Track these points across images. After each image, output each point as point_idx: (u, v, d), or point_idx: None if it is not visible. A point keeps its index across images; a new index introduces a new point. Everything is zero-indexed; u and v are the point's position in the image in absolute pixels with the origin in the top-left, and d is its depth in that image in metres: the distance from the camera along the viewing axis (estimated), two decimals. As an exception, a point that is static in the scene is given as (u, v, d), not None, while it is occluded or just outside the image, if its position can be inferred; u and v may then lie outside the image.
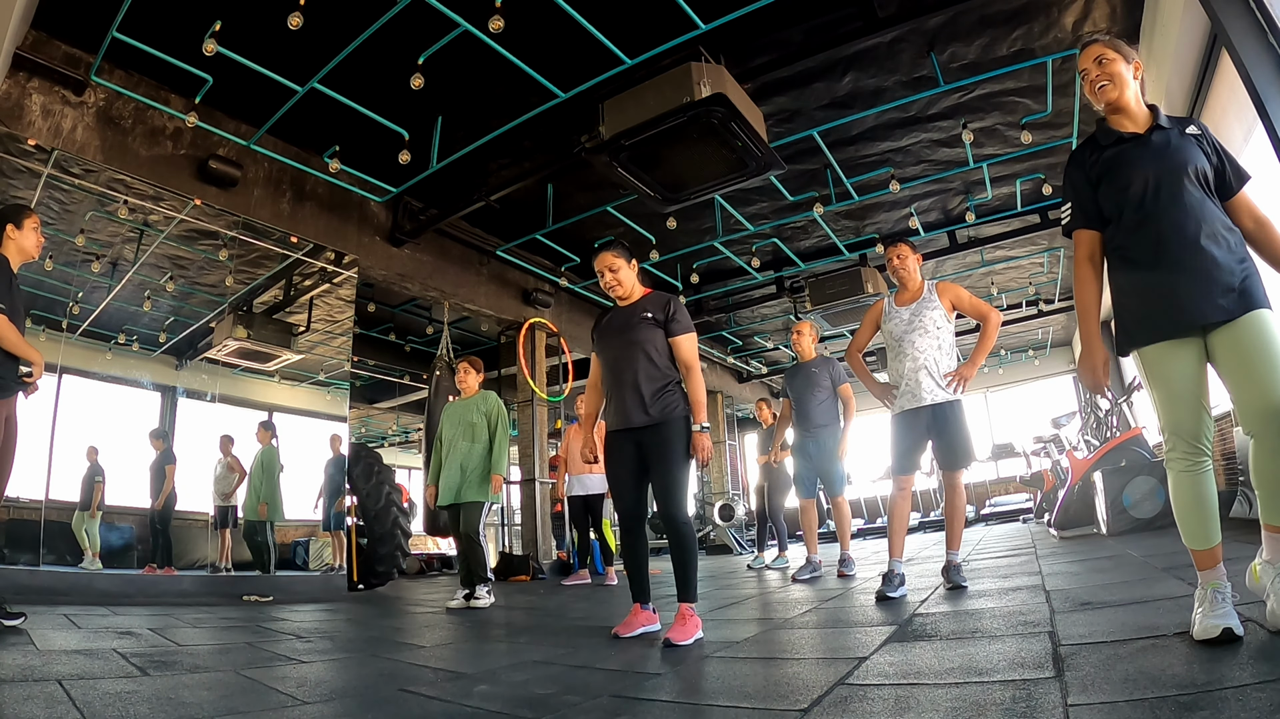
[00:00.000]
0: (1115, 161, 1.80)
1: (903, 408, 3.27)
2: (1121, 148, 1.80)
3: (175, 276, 5.26)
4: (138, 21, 3.80)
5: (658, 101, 4.04)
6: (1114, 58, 1.82)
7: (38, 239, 2.91)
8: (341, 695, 1.85)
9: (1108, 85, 1.82)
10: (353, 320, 6.18)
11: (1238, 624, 1.52)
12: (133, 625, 3.12)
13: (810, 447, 4.53)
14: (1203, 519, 1.68)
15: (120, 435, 4.81)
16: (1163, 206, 1.71)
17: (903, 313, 3.35)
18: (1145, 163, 1.75)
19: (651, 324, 2.71)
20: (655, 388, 2.65)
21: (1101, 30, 4.51)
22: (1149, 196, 1.73)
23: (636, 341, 2.68)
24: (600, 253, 2.79)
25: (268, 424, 5.60)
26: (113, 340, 4.94)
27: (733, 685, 1.72)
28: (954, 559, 3.19)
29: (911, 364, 3.24)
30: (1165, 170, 1.72)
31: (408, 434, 14.45)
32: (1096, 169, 1.83)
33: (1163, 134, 1.78)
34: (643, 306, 2.76)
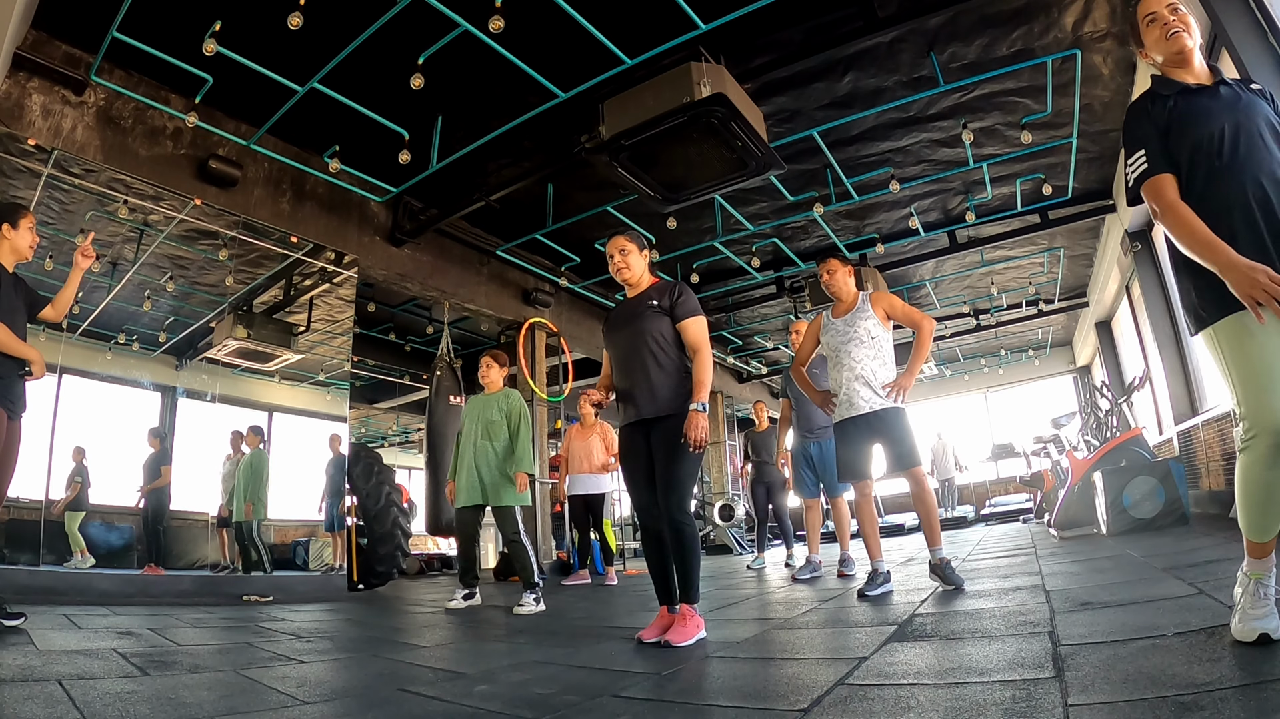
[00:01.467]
0: (1187, 112, 1.62)
1: (842, 416, 3.35)
2: (1190, 98, 1.63)
3: (175, 276, 5.26)
4: (138, 21, 3.80)
5: (658, 101, 4.04)
6: (1185, 11, 1.68)
7: (32, 239, 2.88)
8: (341, 695, 1.85)
9: (1182, 31, 1.65)
10: (353, 320, 6.17)
11: (1275, 625, 1.44)
12: (133, 625, 3.12)
13: (812, 448, 4.52)
14: None
15: (120, 436, 4.81)
16: (1242, 159, 1.53)
17: (838, 324, 3.44)
18: (1221, 113, 1.58)
19: (658, 312, 2.63)
20: (663, 378, 2.57)
21: (1101, 31, 4.51)
22: (1228, 148, 1.55)
23: (643, 331, 2.61)
24: (614, 236, 2.74)
25: (257, 429, 5.60)
26: (113, 340, 4.94)
27: (733, 685, 1.72)
28: (940, 556, 3.17)
29: (849, 373, 3.32)
30: (1243, 122, 1.56)
31: (408, 434, 14.44)
32: (1164, 119, 1.64)
33: (1230, 89, 1.63)
34: (649, 296, 2.69)
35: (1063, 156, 6.08)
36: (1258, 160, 1.52)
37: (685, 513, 2.51)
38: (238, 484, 5.35)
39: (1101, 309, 9.67)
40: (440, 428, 6.27)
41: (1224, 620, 1.71)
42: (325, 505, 5.85)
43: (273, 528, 5.56)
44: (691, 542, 2.52)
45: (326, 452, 5.93)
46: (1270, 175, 1.51)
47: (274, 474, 5.55)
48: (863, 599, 3.12)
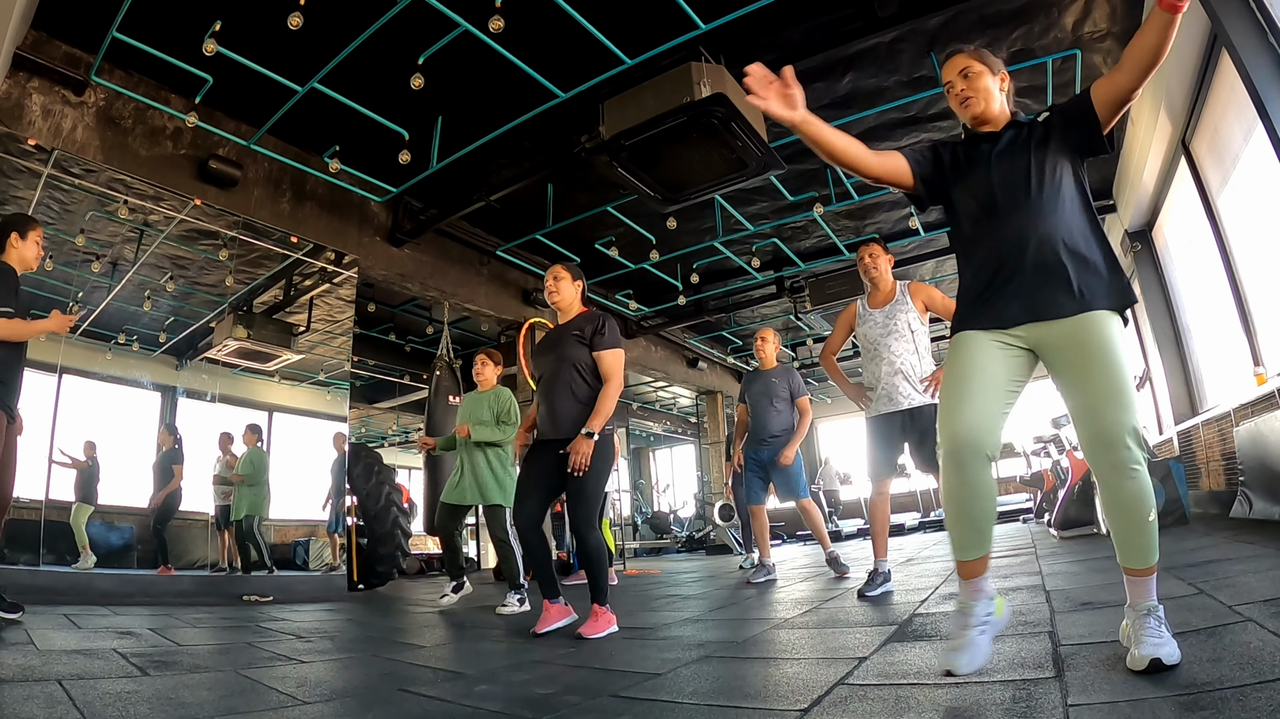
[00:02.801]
0: (968, 160, 1.75)
1: (879, 411, 3.27)
2: (975, 147, 1.76)
3: (175, 276, 5.26)
4: (138, 21, 3.80)
5: (658, 101, 4.04)
6: (980, 70, 1.75)
7: (38, 251, 3.05)
8: (341, 695, 1.85)
9: (973, 100, 1.74)
10: (353, 320, 6.17)
11: (965, 663, 1.47)
12: (133, 625, 3.12)
13: (764, 454, 4.47)
14: None
15: (120, 436, 4.82)
16: (1003, 210, 1.64)
17: (876, 315, 3.35)
18: (993, 163, 1.69)
19: (578, 341, 2.87)
20: (576, 405, 2.80)
21: (1101, 31, 4.51)
22: (996, 198, 1.66)
23: (566, 358, 2.85)
24: (554, 265, 3.04)
25: (255, 427, 5.60)
26: (113, 340, 4.94)
27: (733, 685, 1.72)
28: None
29: (888, 368, 3.24)
30: (1009, 170, 1.66)
31: (408, 434, 14.45)
32: (949, 160, 1.79)
33: (1014, 131, 1.72)
34: (575, 324, 2.93)
35: (1063, 156, 6.07)
36: (1013, 216, 1.63)
37: (592, 527, 2.75)
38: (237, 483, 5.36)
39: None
40: (440, 428, 6.27)
41: (1224, 620, 1.71)
42: (330, 505, 5.85)
43: (273, 528, 5.56)
44: (597, 552, 2.76)
45: (331, 451, 5.93)
46: (1021, 227, 1.61)
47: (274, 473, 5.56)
48: (863, 599, 3.11)
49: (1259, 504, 4.26)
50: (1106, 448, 1.47)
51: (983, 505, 1.58)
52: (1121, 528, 1.50)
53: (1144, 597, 1.48)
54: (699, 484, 12.86)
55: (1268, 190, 4.07)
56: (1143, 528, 1.47)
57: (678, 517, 13.45)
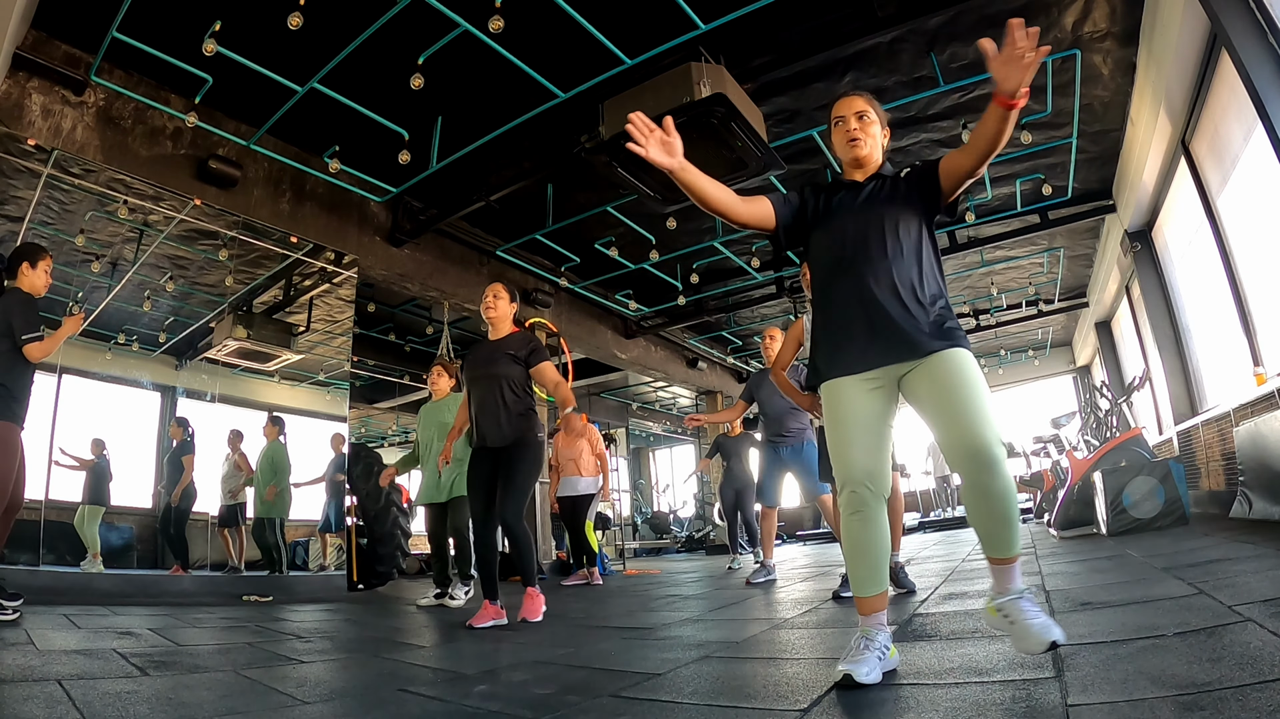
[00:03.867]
0: (831, 208, 1.83)
1: None
2: (839, 195, 1.84)
3: (175, 276, 5.26)
4: (138, 21, 3.80)
5: (658, 101, 4.04)
6: (874, 118, 1.85)
7: (47, 279, 3.27)
8: (341, 695, 1.85)
9: (860, 142, 1.83)
10: (353, 320, 6.17)
11: (864, 673, 1.52)
12: (133, 625, 3.12)
13: (783, 451, 4.46)
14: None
15: (120, 436, 4.81)
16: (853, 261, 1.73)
17: None
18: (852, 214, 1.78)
19: (511, 360, 3.24)
20: (512, 414, 3.19)
21: (1101, 31, 4.51)
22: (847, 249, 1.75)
23: (498, 375, 3.22)
24: (493, 283, 3.40)
25: (276, 419, 5.60)
26: (113, 340, 4.94)
27: (733, 685, 1.72)
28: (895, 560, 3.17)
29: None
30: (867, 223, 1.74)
31: (407, 434, 14.44)
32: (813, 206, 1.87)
33: (876, 184, 1.81)
34: (507, 344, 3.30)
35: (1062, 156, 6.08)
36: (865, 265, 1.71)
37: (519, 518, 3.13)
38: (258, 478, 5.37)
39: (1101, 309, 9.67)
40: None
41: (1224, 620, 1.71)
42: (324, 505, 5.85)
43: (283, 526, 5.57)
44: (525, 539, 3.17)
45: (329, 452, 5.93)
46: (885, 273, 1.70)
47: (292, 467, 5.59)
48: (838, 601, 3.13)
49: (1259, 504, 4.26)
50: (971, 453, 1.57)
51: (881, 544, 1.69)
52: (994, 521, 1.59)
53: (1013, 582, 1.60)
54: (699, 484, 12.86)
55: (1268, 190, 4.07)
56: (1011, 520, 1.58)
57: (677, 517, 13.45)
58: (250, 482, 5.34)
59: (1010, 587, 1.59)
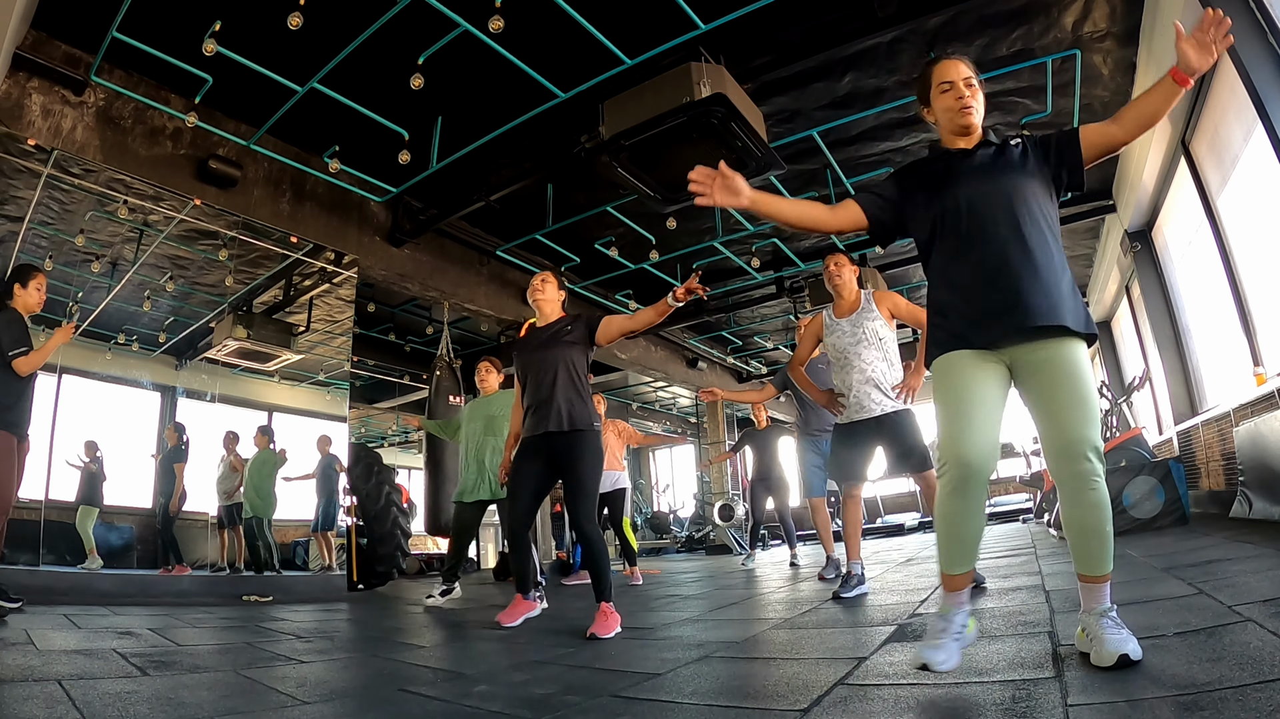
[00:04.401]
0: (942, 176, 1.75)
1: (850, 419, 3.31)
2: (950, 163, 1.76)
3: (175, 276, 5.27)
4: (138, 21, 3.80)
5: (658, 101, 4.04)
6: (978, 84, 1.78)
7: (40, 297, 3.34)
8: (341, 695, 1.85)
9: (972, 110, 1.75)
10: (353, 320, 6.17)
11: (942, 660, 1.50)
12: (133, 625, 3.12)
13: (824, 445, 4.40)
14: None
15: (120, 435, 4.82)
16: (976, 228, 1.66)
17: (844, 325, 3.36)
18: (968, 181, 1.70)
19: (569, 342, 2.98)
20: (572, 399, 2.88)
21: (1101, 31, 4.51)
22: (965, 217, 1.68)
23: (560, 359, 2.94)
24: (543, 269, 3.18)
25: (265, 429, 5.61)
26: (113, 340, 4.94)
27: (733, 685, 1.72)
28: None
29: (859, 376, 3.26)
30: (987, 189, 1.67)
31: (407, 434, 14.45)
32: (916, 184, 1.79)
33: (987, 150, 1.74)
34: (561, 326, 3.05)
35: (1063, 157, 6.06)
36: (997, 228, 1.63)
37: (592, 521, 2.79)
38: (248, 482, 5.37)
39: (1101, 309, 9.67)
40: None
41: (1224, 620, 1.71)
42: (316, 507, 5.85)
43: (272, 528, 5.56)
44: (600, 548, 2.81)
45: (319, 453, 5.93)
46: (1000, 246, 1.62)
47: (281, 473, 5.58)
48: (839, 601, 3.13)
49: (1259, 504, 4.26)
50: (1070, 459, 1.52)
51: (978, 525, 1.65)
52: (1087, 534, 1.54)
53: (1101, 601, 1.53)
54: (699, 484, 12.86)
55: (1268, 190, 4.07)
56: (1104, 536, 1.52)
57: (677, 517, 13.45)
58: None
59: (1097, 606, 1.53)
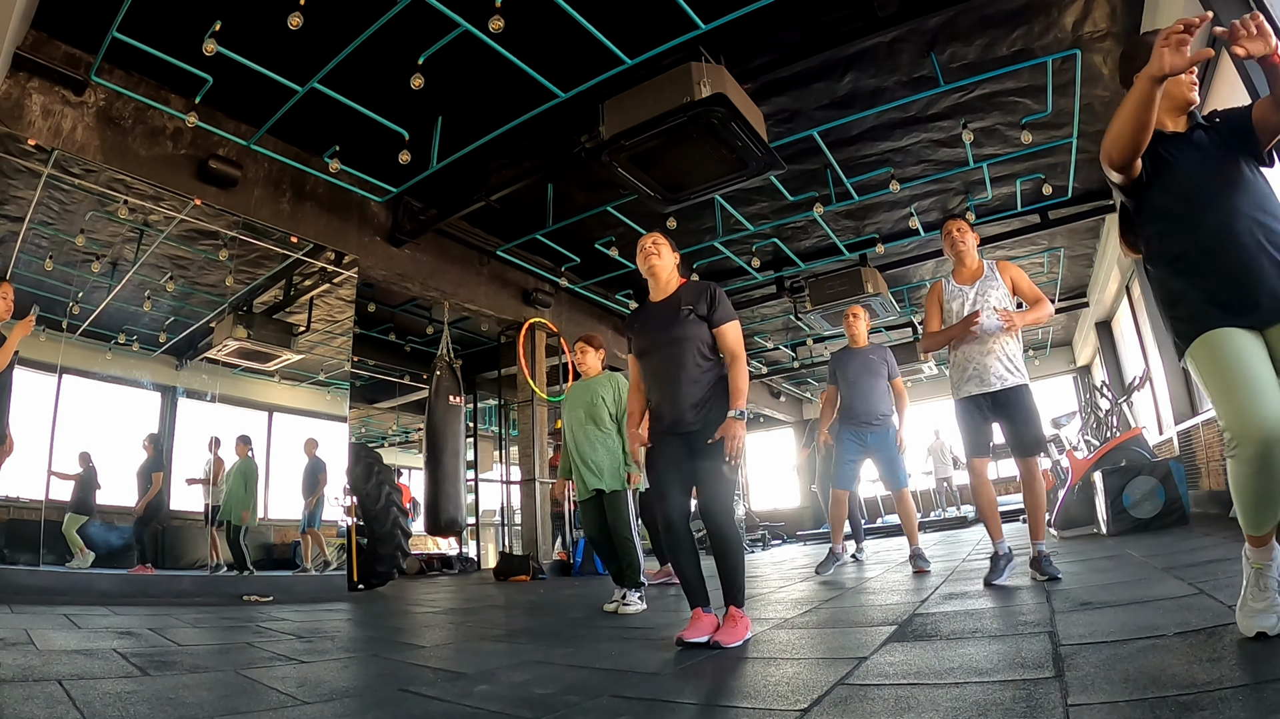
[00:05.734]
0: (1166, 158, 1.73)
1: (969, 393, 3.18)
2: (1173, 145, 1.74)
3: (175, 276, 5.26)
4: (138, 21, 3.80)
5: (658, 101, 4.04)
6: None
7: (6, 306, 3.33)
8: (341, 695, 1.85)
9: (1195, 88, 1.75)
10: (353, 320, 6.17)
11: (1273, 623, 1.46)
12: (133, 625, 3.12)
13: (869, 438, 4.31)
14: None
15: (120, 436, 4.82)
16: (1207, 204, 1.65)
17: (967, 291, 3.24)
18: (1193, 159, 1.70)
19: (694, 319, 2.55)
20: (703, 388, 2.51)
21: (1101, 31, 4.51)
22: (1196, 195, 1.67)
23: (681, 338, 2.53)
24: (651, 232, 2.75)
25: (245, 439, 5.60)
26: (113, 340, 4.94)
27: (733, 685, 1.72)
28: (1041, 550, 3.04)
29: (981, 347, 3.13)
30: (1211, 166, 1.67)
31: (408, 434, 14.45)
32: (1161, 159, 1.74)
33: (1199, 129, 1.74)
34: (682, 298, 2.60)
35: (1063, 156, 6.07)
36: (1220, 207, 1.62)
37: (729, 517, 2.47)
38: (230, 490, 5.36)
39: (1101, 309, 9.67)
40: (440, 428, 6.27)
41: (1224, 620, 1.71)
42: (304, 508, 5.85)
43: (272, 528, 5.56)
44: (737, 545, 2.48)
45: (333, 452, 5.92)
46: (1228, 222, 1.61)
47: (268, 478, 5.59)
48: (990, 588, 2.95)
49: (1259, 504, 4.25)
50: None
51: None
52: None
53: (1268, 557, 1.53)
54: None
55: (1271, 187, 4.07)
56: None
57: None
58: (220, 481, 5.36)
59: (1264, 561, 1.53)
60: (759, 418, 15.23)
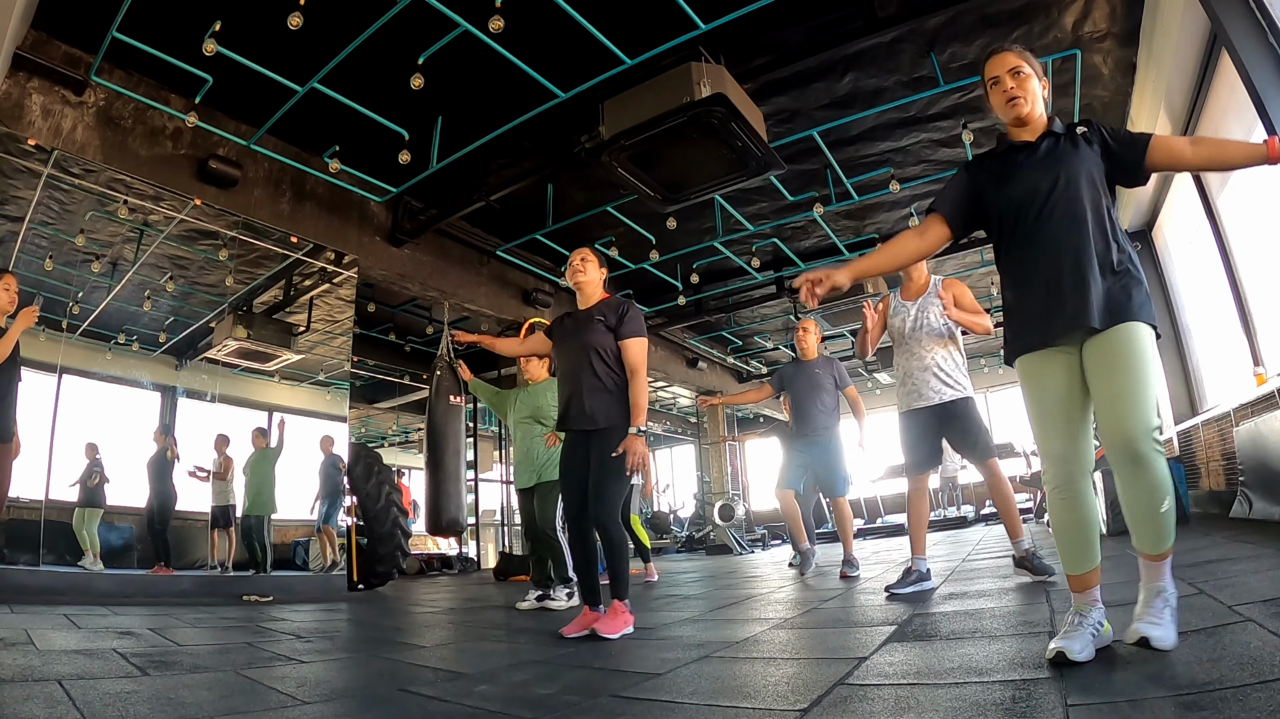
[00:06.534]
0: (1006, 171, 1.76)
1: (910, 406, 3.24)
2: (1013, 156, 1.77)
3: (175, 276, 5.26)
4: (138, 21, 3.80)
5: (658, 101, 4.04)
6: (1029, 72, 1.76)
7: (9, 297, 3.25)
8: (341, 695, 1.85)
9: (1021, 100, 1.75)
10: (353, 320, 6.17)
11: (1078, 650, 1.51)
12: (133, 625, 3.12)
13: (812, 450, 4.42)
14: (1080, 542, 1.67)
15: (120, 435, 4.82)
16: (1045, 220, 1.67)
17: (909, 308, 3.30)
18: (1035, 173, 1.70)
19: (603, 328, 2.76)
20: (603, 394, 2.70)
21: (1101, 31, 4.51)
22: (1034, 209, 1.68)
23: (588, 345, 2.75)
24: (580, 249, 2.96)
25: (262, 430, 5.61)
26: (113, 340, 4.94)
27: (733, 685, 1.72)
28: (1024, 548, 3.08)
29: (918, 363, 3.20)
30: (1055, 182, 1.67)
31: (408, 434, 14.44)
32: (983, 179, 1.80)
33: (1052, 141, 1.74)
34: (597, 310, 2.83)
35: (1063, 156, 6.07)
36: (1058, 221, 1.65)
37: (614, 519, 2.68)
38: (251, 482, 5.38)
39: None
40: (440, 428, 6.24)
41: (1224, 620, 1.71)
42: (318, 506, 5.85)
43: (272, 528, 5.55)
44: (620, 544, 2.69)
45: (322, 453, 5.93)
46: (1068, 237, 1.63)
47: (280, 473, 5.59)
48: (893, 597, 3.01)
49: (1259, 504, 4.26)
50: (1128, 441, 1.53)
51: (1091, 523, 1.67)
52: (1141, 516, 1.57)
53: (1159, 579, 1.58)
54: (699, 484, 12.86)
55: (1268, 190, 4.07)
56: (1160, 516, 1.55)
57: (677, 517, 13.44)
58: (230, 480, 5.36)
59: (1155, 584, 1.58)
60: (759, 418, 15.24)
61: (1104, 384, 1.59)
